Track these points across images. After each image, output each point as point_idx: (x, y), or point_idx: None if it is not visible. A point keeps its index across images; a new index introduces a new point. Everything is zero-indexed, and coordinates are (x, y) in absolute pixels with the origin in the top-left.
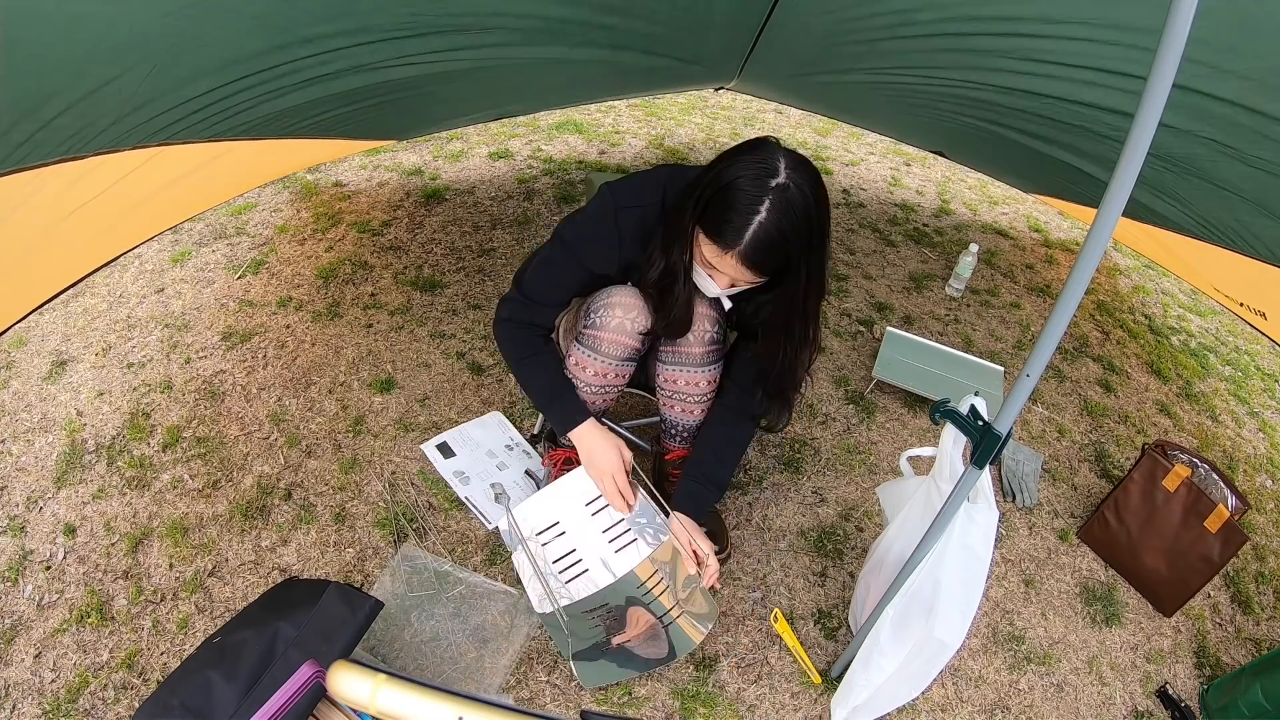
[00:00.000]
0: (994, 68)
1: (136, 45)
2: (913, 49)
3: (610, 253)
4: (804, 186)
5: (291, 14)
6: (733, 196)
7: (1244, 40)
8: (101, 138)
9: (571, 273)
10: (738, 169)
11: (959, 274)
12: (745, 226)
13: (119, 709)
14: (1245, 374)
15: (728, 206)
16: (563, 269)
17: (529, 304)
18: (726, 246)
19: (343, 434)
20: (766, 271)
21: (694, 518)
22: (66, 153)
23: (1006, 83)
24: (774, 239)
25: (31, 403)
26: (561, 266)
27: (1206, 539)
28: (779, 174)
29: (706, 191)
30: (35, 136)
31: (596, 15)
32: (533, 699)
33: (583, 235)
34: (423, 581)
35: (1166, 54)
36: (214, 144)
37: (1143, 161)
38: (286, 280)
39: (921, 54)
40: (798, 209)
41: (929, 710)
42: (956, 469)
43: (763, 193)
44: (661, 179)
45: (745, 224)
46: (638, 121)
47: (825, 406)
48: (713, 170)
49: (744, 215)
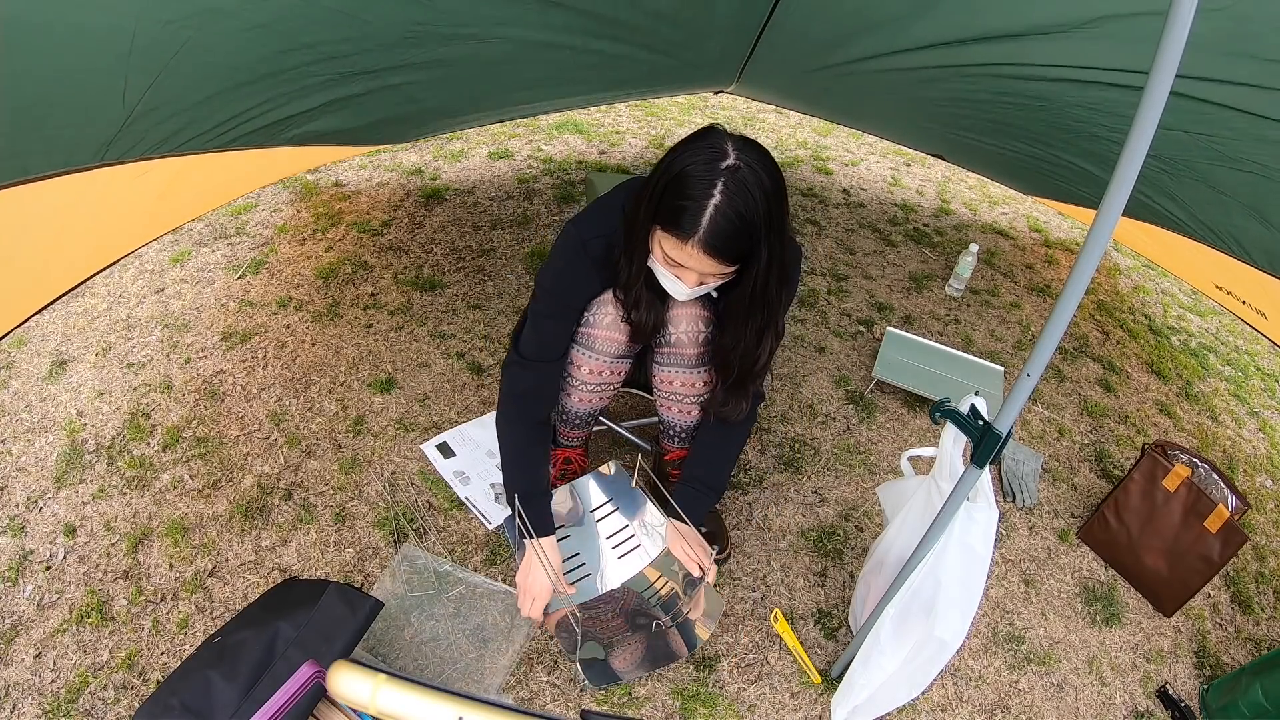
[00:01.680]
0: (990, 74)
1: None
2: (908, 61)
3: (591, 284)
4: (755, 165)
5: (294, 23)
6: (684, 185)
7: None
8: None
9: (563, 318)
10: (686, 158)
11: (959, 274)
12: (701, 212)
13: (119, 709)
14: (1245, 374)
15: (680, 196)
16: (553, 318)
17: (532, 367)
18: (685, 236)
19: (343, 434)
20: (730, 257)
21: (692, 522)
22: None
23: (1004, 89)
24: (732, 221)
25: (31, 403)
26: (551, 316)
27: (1206, 539)
28: (728, 156)
29: (658, 186)
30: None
31: (600, 25)
32: (533, 699)
33: (560, 279)
34: (423, 581)
35: (1166, 55)
36: (217, 154)
37: (1142, 161)
38: (286, 280)
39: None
40: (752, 188)
41: (929, 710)
42: (956, 469)
43: (714, 176)
44: (619, 201)
45: (701, 210)
46: (638, 122)
47: (825, 406)
48: (662, 165)
49: (698, 201)
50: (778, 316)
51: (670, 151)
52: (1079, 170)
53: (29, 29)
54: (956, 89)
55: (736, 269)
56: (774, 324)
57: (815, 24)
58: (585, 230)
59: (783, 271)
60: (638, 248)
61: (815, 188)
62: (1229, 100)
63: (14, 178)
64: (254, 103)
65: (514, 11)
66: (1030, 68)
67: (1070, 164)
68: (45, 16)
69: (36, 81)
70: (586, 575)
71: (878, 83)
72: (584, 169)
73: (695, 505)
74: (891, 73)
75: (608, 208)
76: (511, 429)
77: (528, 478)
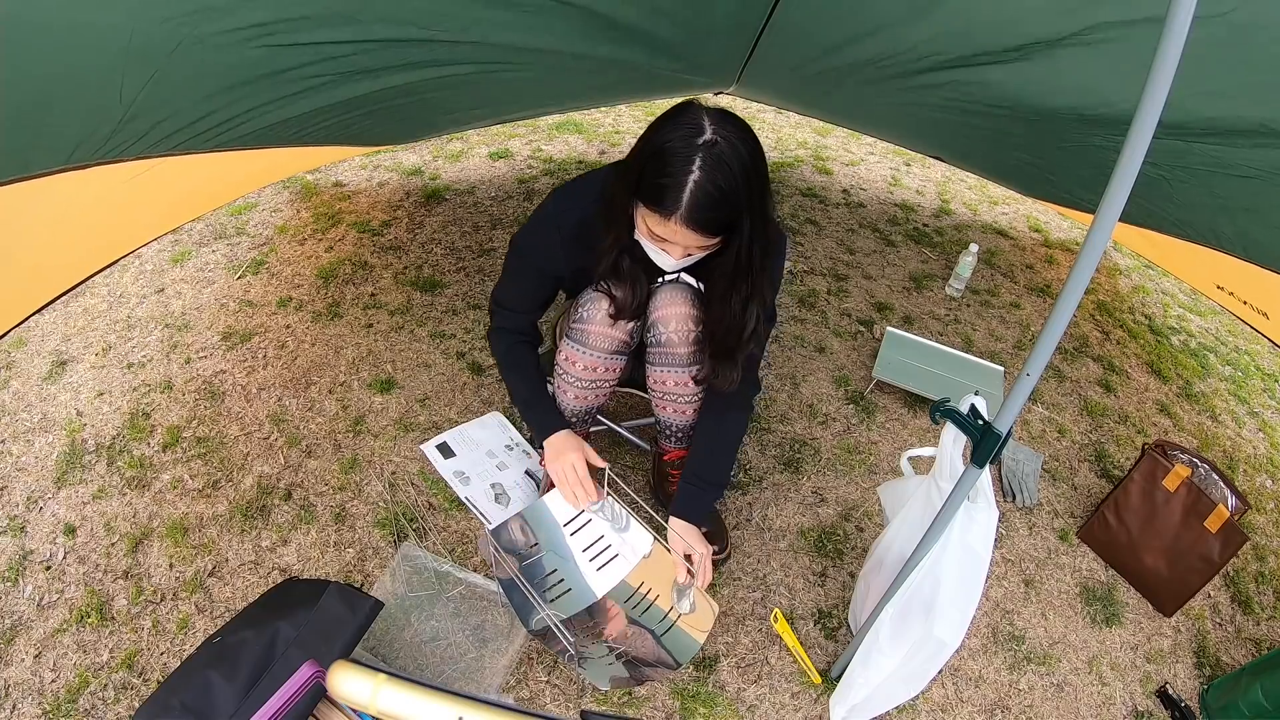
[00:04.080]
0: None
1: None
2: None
3: (555, 252)
4: (733, 139)
5: (293, 21)
6: (663, 161)
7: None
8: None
9: (529, 278)
10: (664, 135)
11: (959, 274)
12: (681, 188)
13: (119, 709)
14: (1245, 374)
15: (660, 173)
16: (521, 275)
17: (506, 312)
18: (668, 212)
19: (343, 434)
20: (713, 230)
21: (693, 522)
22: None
23: (1003, 93)
24: (712, 195)
25: (31, 403)
26: (519, 273)
27: (1206, 539)
28: (705, 131)
29: (638, 163)
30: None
31: (600, 26)
32: (533, 699)
33: (530, 240)
34: (423, 581)
35: (1165, 57)
36: (216, 154)
37: (1141, 162)
38: (286, 280)
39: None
40: (731, 161)
41: (929, 710)
42: (956, 469)
43: (692, 151)
44: (602, 176)
45: (681, 185)
46: (638, 121)
47: (825, 406)
48: (640, 142)
49: (678, 177)
50: (763, 290)
51: (649, 129)
52: (1078, 177)
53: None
54: (955, 94)
55: (721, 239)
56: (759, 296)
57: (815, 25)
58: (563, 200)
59: (765, 244)
60: (619, 224)
61: (815, 188)
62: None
63: (14, 174)
64: (253, 103)
65: (513, 15)
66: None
67: (1070, 170)
68: (44, 14)
69: (35, 78)
70: (568, 591)
71: (878, 86)
72: (584, 169)
73: (694, 503)
74: (891, 76)
75: (592, 182)
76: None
77: (527, 386)
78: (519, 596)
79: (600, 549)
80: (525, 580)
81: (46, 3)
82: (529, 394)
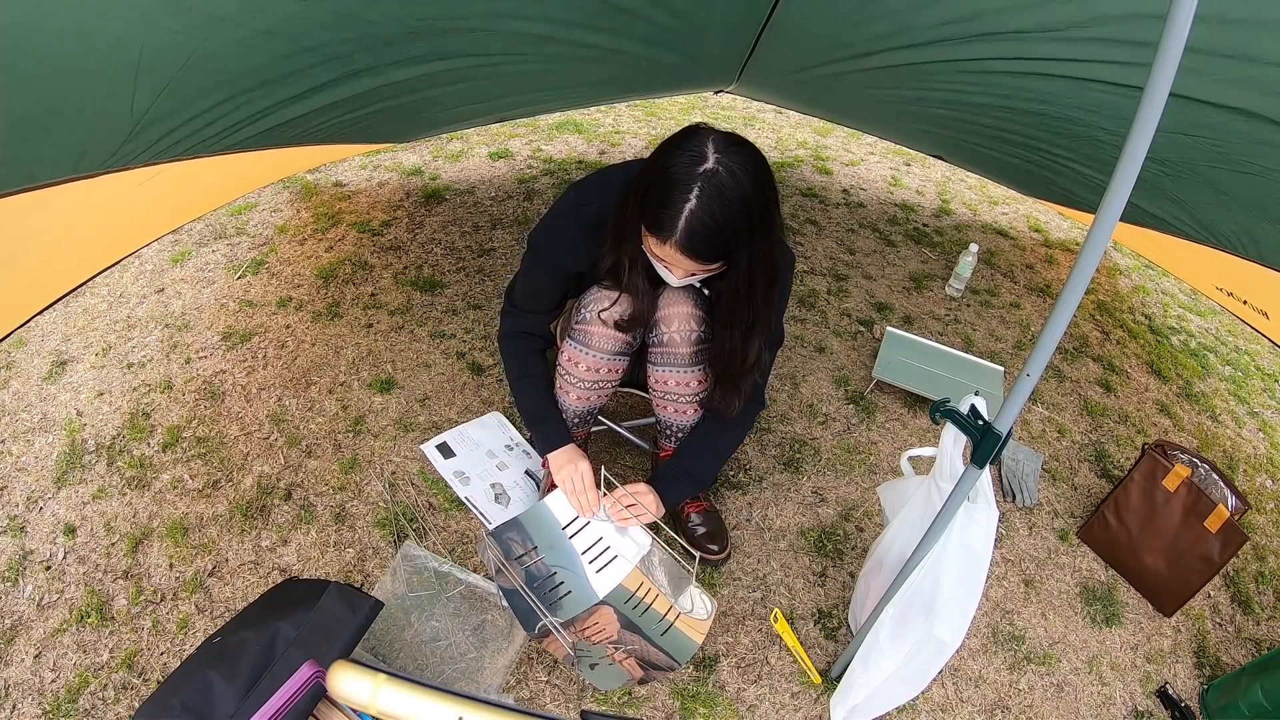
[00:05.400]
0: (991, 70)
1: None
2: (910, 56)
3: (577, 248)
4: (735, 170)
5: (299, 26)
6: (665, 186)
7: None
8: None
9: (549, 276)
10: (667, 159)
11: (959, 274)
12: (678, 216)
13: (119, 709)
14: (1245, 374)
15: (660, 199)
16: (540, 274)
17: (521, 314)
18: (664, 237)
19: (343, 434)
20: (709, 258)
21: (665, 504)
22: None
23: (1004, 88)
24: (707, 225)
25: (31, 403)
26: (539, 271)
27: (1206, 539)
28: (707, 160)
29: (644, 184)
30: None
31: (598, 15)
32: (533, 699)
33: (549, 237)
34: (423, 581)
35: (1166, 56)
36: (220, 157)
37: (1142, 162)
38: (286, 280)
39: (918, 59)
40: (729, 192)
41: (929, 710)
42: (956, 469)
43: (692, 180)
44: (619, 178)
45: (678, 213)
46: (638, 121)
47: (825, 406)
48: (648, 163)
49: (676, 205)
50: (767, 318)
51: (656, 150)
52: (1079, 175)
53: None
54: (956, 90)
55: (722, 264)
56: (763, 325)
57: (816, 20)
58: (583, 195)
59: (770, 273)
60: (629, 239)
61: (815, 188)
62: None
63: (21, 184)
64: (259, 107)
65: (511, 3)
66: (1030, 61)
67: (1070, 170)
68: (54, 24)
69: (45, 88)
70: (569, 593)
71: (878, 82)
72: (584, 169)
73: (670, 485)
74: (891, 70)
75: (611, 179)
76: (513, 360)
77: (538, 398)
78: (521, 602)
79: (599, 550)
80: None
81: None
82: (539, 406)
